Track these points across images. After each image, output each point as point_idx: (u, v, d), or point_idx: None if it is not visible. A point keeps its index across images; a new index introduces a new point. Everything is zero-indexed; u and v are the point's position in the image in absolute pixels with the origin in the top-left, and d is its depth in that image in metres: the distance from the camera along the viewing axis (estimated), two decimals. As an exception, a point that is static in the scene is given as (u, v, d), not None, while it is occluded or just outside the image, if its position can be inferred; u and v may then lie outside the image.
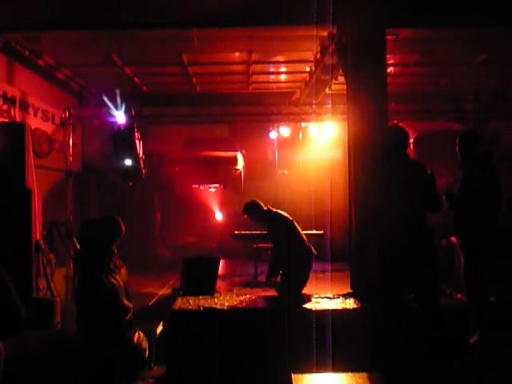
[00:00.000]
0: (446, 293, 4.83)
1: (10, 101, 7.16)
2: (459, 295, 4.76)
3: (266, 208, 5.48)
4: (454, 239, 4.54)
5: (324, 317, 4.27)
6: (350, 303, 4.67)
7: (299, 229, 5.39)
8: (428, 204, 4.07)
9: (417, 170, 4.10)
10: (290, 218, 5.43)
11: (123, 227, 3.49)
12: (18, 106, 7.40)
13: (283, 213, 5.48)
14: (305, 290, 5.19)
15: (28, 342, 4.69)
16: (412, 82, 9.69)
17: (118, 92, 7.71)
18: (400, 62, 8.49)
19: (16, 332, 2.92)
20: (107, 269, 3.32)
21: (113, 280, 3.31)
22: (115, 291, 3.30)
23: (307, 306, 4.52)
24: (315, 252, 5.29)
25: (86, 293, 3.34)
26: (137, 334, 3.50)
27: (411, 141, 9.17)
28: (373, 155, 4.33)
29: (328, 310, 4.42)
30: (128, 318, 3.40)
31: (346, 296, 4.90)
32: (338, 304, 4.66)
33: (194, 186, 11.43)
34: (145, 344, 3.59)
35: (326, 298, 4.83)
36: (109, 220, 3.51)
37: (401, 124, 9.41)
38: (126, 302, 3.40)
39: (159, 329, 4.86)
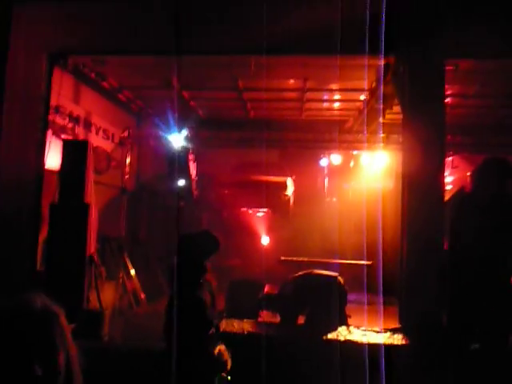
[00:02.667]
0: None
1: (75, 119, 7.56)
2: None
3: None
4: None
5: (371, 351, 4.14)
6: (398, 339, 4.52)
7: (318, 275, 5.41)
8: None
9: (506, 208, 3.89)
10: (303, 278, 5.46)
11: (219, 243, 3.53)
12: (81, 124, 7.79)
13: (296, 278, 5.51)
14: (353, 322, 5.08)
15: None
16: (470, 113, 9.44)
17: (175, 115, 7.97)
18: (458, 92, 8.30)
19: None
20: (198, 283, 3.39)
21: (202, 295, 3.38)
22: (202, 306, 3.37)
23: (355, 338, 4.41)
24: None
25: (175, 305, 3.41)
26: (218, 347, 3.53)
27: (468, 173, 8.89)
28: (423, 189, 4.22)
29: (375, 343, 4.29)
30: (211, 332, 3.45)
31: (394, 331, 4.74)
32: (385, 338, 4.51)
33: (242, 209, 11.52)
34: (226, 356, 3.58)
35: (374, 331, 4.69)
36: (204, 235, 3.55)
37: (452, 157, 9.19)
38: (210, 316, 3.46)
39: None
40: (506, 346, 3.89)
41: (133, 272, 8.24)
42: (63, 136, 6.98)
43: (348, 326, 4.88)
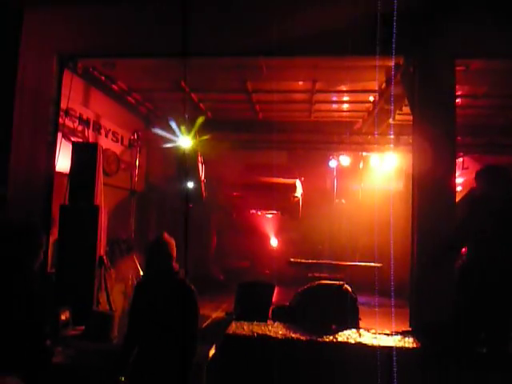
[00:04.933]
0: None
1: (85, 122, 7.60)
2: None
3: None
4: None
5: (382, 353, 4.10)
6: (409, 342, 4.46)
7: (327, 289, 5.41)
8: None
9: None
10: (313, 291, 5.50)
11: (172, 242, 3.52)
12: (91, 126, 7.84)
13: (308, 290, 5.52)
14: (363, 325, 5.05)
15: (84, 353, 4.84)
16: (481, 113, 9.35)
17: (185, 117, 7.99)
18: (469, 93, 8.24)
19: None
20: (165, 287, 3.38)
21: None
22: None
23: (363, 340, 4.37)
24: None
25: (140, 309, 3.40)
26: None
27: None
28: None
29: (386, 346, 4.24)
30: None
31: (405, 334, 4.69)
32: (396, 341, 4.46)
33: (251, 211, 11.51)
34: None
35: (384, 334, 4.64)
36: (165, 238, 3.53)
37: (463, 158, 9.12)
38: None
39: (211, 352, 4.86)
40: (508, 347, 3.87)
41: (142, 273, 8.25)
42: (73, 138, 7.01)
43: (359, 328, 4.84)
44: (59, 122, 6.17)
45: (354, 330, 4.66)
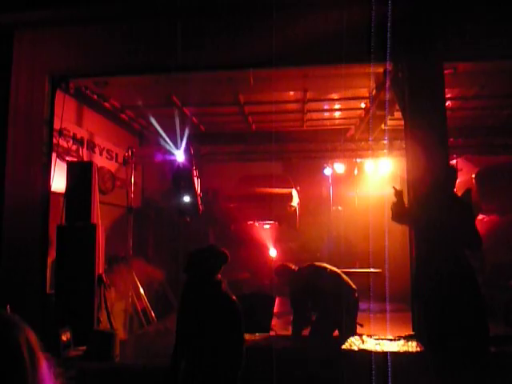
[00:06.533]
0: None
1: (79, 141, 7.62)
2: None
3: (295, 269, 5.64)
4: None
5: (384, 359, 4.09)
6: (413, 346, 4.47)
7: (336, 273, 5.43)
8: (467, 243, 3.97)
9: (459, 207, 4.01)
10: (322, 268, 5.52)
11: (227, 255, 3.51)
12: (85, 145, 7.85)
13: (317, 265, 5.55)
14: (362, 331, 5.04)
15: (86, 373, 4.81)
16: (471, 115, 9.43)
17: (178, 132, 8.03)
18: (458, 95, 8.31)
19: None
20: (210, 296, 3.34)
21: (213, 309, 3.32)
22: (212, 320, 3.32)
23: (367, 347, 4.37)
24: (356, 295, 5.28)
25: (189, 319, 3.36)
26: None
27: (473, 176, 8.87)
28: (429, 194, 4.26)
29: (389, 351, 4.24)
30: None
31: (407, 338, 4.69)
32: (399, 346, 4.46)
33: (248, 222, 11.51)
34: None
35: (387, 339, 4.65)
36: (213, 249, 3.51)
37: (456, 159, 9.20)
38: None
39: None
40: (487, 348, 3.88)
41: (142, 291, 8.23)
42: (68, 158, 7.02)
43: (361, 335, 4.84)
44: (53, 143, 6.18)
45: (356, 337, 4.67)
